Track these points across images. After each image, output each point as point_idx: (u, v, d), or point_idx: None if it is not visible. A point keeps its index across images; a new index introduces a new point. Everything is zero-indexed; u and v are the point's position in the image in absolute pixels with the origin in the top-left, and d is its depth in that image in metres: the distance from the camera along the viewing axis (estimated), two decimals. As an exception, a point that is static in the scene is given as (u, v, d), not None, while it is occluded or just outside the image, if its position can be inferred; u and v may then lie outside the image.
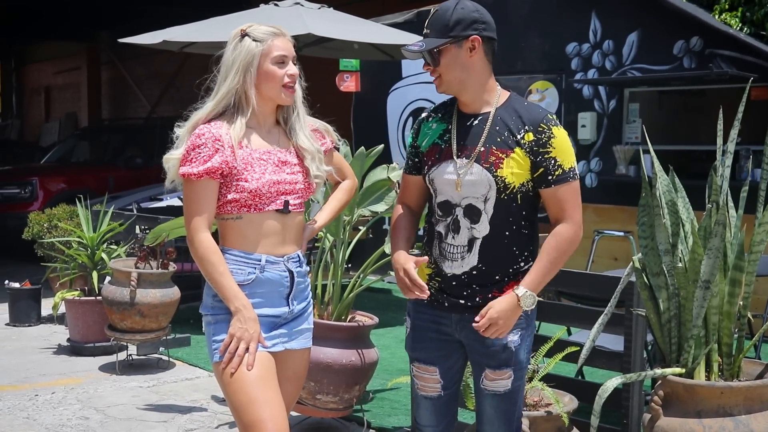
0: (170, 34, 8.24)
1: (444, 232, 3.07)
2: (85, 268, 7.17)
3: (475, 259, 3.03)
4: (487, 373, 3.09)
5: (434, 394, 3.19)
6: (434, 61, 3.03)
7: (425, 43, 3.02)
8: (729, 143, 3.26)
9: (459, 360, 3.20)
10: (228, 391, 3.01)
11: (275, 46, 3.08)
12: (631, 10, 8.82)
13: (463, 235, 3.03)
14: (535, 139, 2.98)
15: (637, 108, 8.94)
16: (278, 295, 3.11)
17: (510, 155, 2.98)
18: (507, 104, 3.07)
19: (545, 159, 2.98)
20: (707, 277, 3.04)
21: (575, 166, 3.02)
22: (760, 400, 3.07)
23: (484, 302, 3.02)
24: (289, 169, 3.13)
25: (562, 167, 2.98)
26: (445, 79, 3.04)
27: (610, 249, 8.39)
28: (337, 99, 10.95)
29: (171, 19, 9.89)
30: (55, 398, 5.81)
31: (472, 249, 3.03)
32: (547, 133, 2.98)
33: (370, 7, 12.21)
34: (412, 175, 3.23)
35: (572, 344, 4.28)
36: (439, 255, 3.10)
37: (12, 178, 13.05)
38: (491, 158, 2.99)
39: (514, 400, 3.15)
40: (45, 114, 25.51)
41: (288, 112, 3.19)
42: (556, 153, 2.98)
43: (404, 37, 8.58)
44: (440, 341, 3.15)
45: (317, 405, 4.80)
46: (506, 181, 2.98)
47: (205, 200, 3.03)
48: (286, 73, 3.08)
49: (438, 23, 3.03)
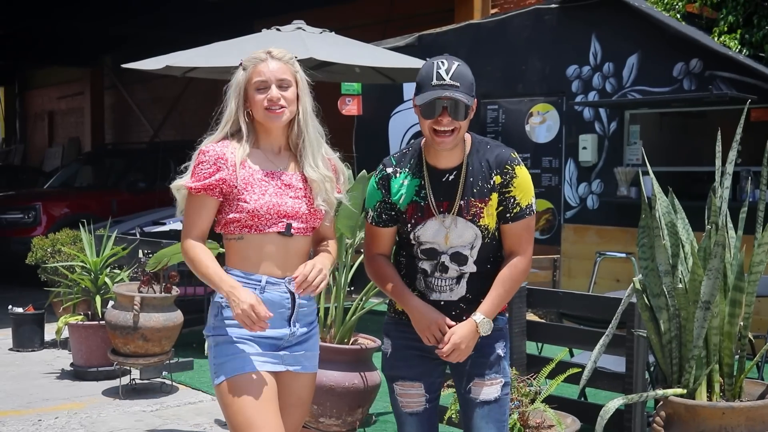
0: (173, 59, 8.29)
1: (430, 270, 3.17)
2: (88, 293, 7.17)
3: (464, 290, 3.17)
4: (476, 382, 3.18)
5: (419, 409, 3.25)
6: (464, 116, 3.04)
7: (467, 98, 3.02)
8: (728, 164, 3.28)
9: (440, 375, 3.30)
10: (227, 414, 3.03)
11: (256, 72, 3.12)
12: (631, 32, 8.87)
13: (452, 273, 3.16)
14: (502, 180, 3.12)
15: (638, 130, 8.98)
16: (279, 316, 3.11)
17: (488, 203, 3.11)
18: (473, 150, 3.16)
19: (506, 198, 3.12)
20: (707, 298, 3.06)
21: (532, 203, 3.16)
22: (762, 420, 3.07)
23: None
24: (293, 192, 3.14)
25: (519, 205, 3.13)
26: (459, 134, 3.06)
27: (612, 270, 8.40)
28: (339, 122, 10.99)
29: (173, 44, 9.96)
30: (59, 423, 5.80)
31: (461, 282, 3.16)
32: (511, 173, 3.12)
33: (371, 31, 12.29)
34: (384, 227, 3.23)
35: (574, 365, 4.28)
36: (425, 287, 3.19)
37: (15, 203, 13.08)
38: (472, 210, 3.10)
39: (504, 410, 3.23)
40: (48, 139, 25.59)
41: (297, 137, 3.19)
42: (516, 192, 3.12)
43: (406, 60, 8.63)
44: (423, 358, 3.22)
45: (320, 428, 4.79)
46: (489, 229, 3.13)
47: (201, 214, 3.11)
48: (265, 98, 3.10)
49: (466, 81, 3.04)
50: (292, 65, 3.19)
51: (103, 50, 20.97)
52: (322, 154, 3.21)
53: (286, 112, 3.13)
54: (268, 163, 3.15)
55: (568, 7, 9.38)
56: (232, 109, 3.14)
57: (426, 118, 3.04)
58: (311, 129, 3.19)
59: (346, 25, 11.75)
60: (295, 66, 3.20)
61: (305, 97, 3.19)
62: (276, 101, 3.09)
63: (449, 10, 11.99)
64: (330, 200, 3.21)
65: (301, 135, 3.18)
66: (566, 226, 9.40)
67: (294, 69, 3.19)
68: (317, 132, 3.22)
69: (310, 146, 3.17)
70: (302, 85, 3.19)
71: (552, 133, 9.70)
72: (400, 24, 13.32)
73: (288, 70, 3.15)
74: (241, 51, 7.95)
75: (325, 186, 3.17)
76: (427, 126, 3.06)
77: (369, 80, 9.65)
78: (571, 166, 9.40)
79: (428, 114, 3.03)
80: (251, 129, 3.16)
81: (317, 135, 3.21)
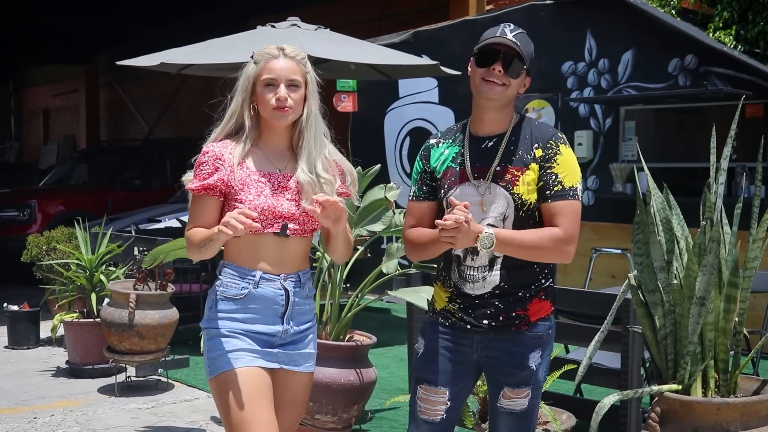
0: (168, 56, 8.27)
1: (462, 255, 3.07)
2: (83, 290, 7.17)
3: (497, 278, 3.04)
4: (505, 392, 3.10)
5: (437, 418, 3.14)
6: (516, 73, 3.01)
7: (524, 51, 2.99)
8: (723, 160, 3.28)
9: (470, 383, 3.20)
10: (221, 409, 3.04)
11: (267, 68, 3.10)
12: (626, 29, 8.87)
13: (483, 256, 3.03)
14: (543, 154, 3.01)
15: (633, 126, 8.98)
16: (272, 312, 3.11)
17: (525, 172, 3.01)
18: (519, 125, 3.10)
19: (547, 173, 3.00)
20: (702, 294, 3.06)
21: (577, 186, 3.03)
22: (757, 416, 3.07)
23: (508, 321, 3.05)
24: (289, 194, 3.12)
25: (562, 183, 3.00)
26: (508, 92, 3.02)
27: (607, 266, 8.41)
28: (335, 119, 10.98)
29: (168, 42, 9.94)
30: (54, 421, 5.80)
31: (494, 268, 3.04)
32: (554, 149, 3.02)
33: (366, 28, 12.27)
34: (425, 201, 3.17)
35: (570, 362, 4.29)
36: (458, 278, 3.09)
37: (10, 201, 13.05)
38: (507, 176, 3.00)
39: (530, 419, 3.15)
40: (43, 136, 25.57)
41: (297, 138, 3.16)
42: (559, 169, 3.00)
43: (401, 57, 8.63)
44: (455, 363, 3.13)
45: (316, 425, 4.80)
46: (523, 198, 3.00)
47: (202, 213, 3.12)
48: (274, 96, 3.08)
49: (528, 47, 3.03)
50: (304, 65, 3.16)
51: (98, 48, 20.95)
52: (324, 156, 3.16)
53: (291, 113, 3.11)
54: (266, 164, 3.14)
55: (563, 3, 9.37)
56: (238, 103, 3.13)
57: (479, 66, 3.01)
58: (313, 131, 3.15)
59: (341, 22, 11.74)
60: (307, 66, 3.17)
61: (312, 99, 3.16)
62: (283, 101, 3.07)
63: (444, 7, 11.98)
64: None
65: (301, 136, 3.15)
66: (562, 223, 9.40)
67: (305, 69, 3.15)
68: (321, 134, 3.18)
69: (307, 148, 3.13)
70: (311, 86, 3.16)
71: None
72: (396, 20, 13.33)
73: (299, 71, 3.12)
74: (236, 48, 7.97)
75: (321, 189, 3.10)
76: (478, 75, 3.02)
77: (364, 77, 9.64)
78: (566, 162, 9.39)
79: (482, 62, 3.00)
80: (254, 125, 3.15)
81: (320, 137, 3.17)
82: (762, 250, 3.17)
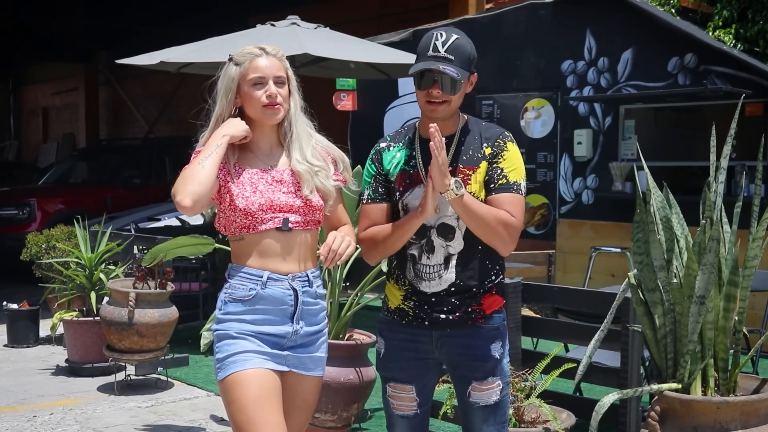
0: (167, 55, 8.27)
1: (417, 254, 3.12)
2: (83, 289, 7.17)
3: (453, 276, 3.09)
4: (474, 386, 3.13)
5: (410, 413, 3.22)
6: (454, 90, 3.05)
7: (459, 72, 3.02)
8: (722, 159, 3.28)
9: (433, 378, 3.26)
10: (229, 411, 3.02)
11: (252, 67, 3.11)
12: (625, 27, 8.87)
13: (439, 254, 3.09)
14: (492, 151, 3.09)
15: (633, 125, 8.98)
16: (281, 313, 3.09)
17: (476, 170, 3.08)
18: (467, 126, 3.17)
19: (493, 168, 3.08)
20: (702, 293, 3.06)
21: (521, 182, 3.08)
22: (757, 414, 3.07)
23: (465, 315, 3.10)
24: (285, 188, 3.12)
25: (506, 177, 3.06)
26: (451, 106, 3.08)
27: (607, 265, 8.41)
28: (334, 118, 10.99)
29: (167, 40, 9.94)
30: (54, 419, 5.80)
31: (449, 266, 3.09)
32: (501, 146, 3.10)
33: (366, 27, 12.26)
34: (381, 203, 3.19)
35: (569, 360, 4.29)
36: (414, 276, 3.13)
37: (10, 199, 13.06)
38: (459, 176, 3.05)
39: (504, 411, 3.19)
40: (43, 135, 25.55)
41: (286, 133, 3.17)
42: (505, 164, 3.08)
43: (400, 56, 8.62)
44: (416, 360, 3.18)
45: (316, 423, 4.80)
46: (475, 196, 3.05)
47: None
48: (264, 93, 3.09)
49: (462, 55, 3.05)
50: (285, 62, 3.19)
51: (97, 46, 20.95)
52: (312, 146, 3.19)
53: (281, 110, 3.12)
54: (258, 162, 3.15)
55: (562, 1, 9.37)
56: (223, 105, 3.13)
57: (417, 88, 3.09)
58: (300, 125, 3.18)
59: (340, 21, 11.74)
60: (286, 63, 3.21)
61: (296, 93, 3.20)
62: (274, 97, 3.09)
63: (444, 5, 11.99)
64: (325, 188, 3.16)
65: (290, 131, 3.17)
66: (561, 221, 9.40)
67: (286, 66, 3.19)
68: (306, 126, 3.22)
69: (297, 141, 3.16)
70: (293, 81, 3.20)
71: (547, 128, 9.69)
72: (395, 19, 13.33)
73: (282, 67, 3.16)
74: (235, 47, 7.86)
75: (316, 176, 3.14)
76: (421, 96, 3.10)
77: (364, 76, 9.64)
78: (566, 161, 9.40)
79: (419, 84, 3.07)
80: None
81: (306, 129, 3.21)
82: (762, 248, 3.17)
